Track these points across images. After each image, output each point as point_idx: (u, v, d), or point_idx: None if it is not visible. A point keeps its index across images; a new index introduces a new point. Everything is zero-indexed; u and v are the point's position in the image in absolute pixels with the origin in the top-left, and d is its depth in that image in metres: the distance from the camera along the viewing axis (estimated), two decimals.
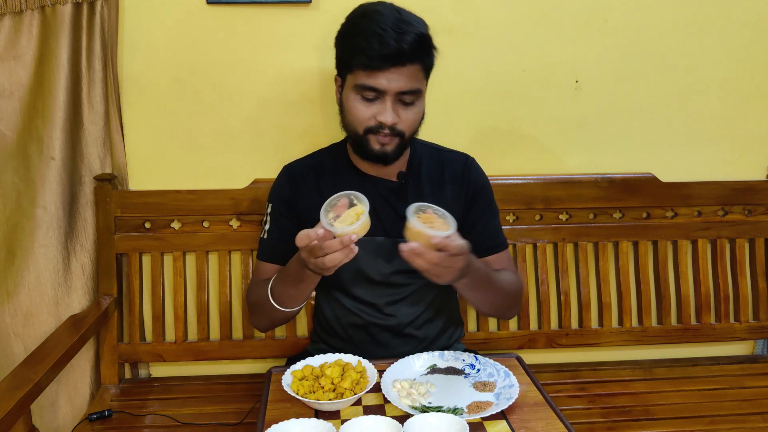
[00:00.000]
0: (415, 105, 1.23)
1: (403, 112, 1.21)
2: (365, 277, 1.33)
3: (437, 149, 1.40)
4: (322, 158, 1.40)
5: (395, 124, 1.20)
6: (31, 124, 1.58)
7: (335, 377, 1.12)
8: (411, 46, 1.15)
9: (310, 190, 1.35)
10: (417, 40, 1.16)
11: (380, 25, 1.15)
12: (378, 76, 1.17)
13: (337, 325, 1.39)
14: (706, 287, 1.76)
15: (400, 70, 1.17)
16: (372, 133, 1.22)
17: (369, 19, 1.18)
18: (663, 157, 1.77)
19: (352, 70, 1.21)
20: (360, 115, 1.21)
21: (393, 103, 1.19)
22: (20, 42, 1.56)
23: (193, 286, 1.69)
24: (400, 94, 1.19)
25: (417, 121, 1.25)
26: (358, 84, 1.19)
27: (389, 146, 1.23)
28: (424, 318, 1.38)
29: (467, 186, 1.36)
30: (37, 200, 1.58)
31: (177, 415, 1.49)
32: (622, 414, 1.49)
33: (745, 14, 1.71)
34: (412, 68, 1.18)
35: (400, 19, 1.17)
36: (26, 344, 1.61)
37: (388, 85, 1.17)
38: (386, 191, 1.32)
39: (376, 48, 1.14)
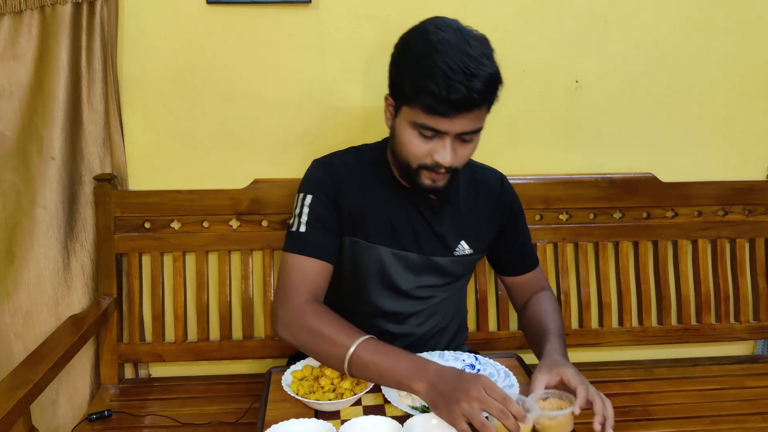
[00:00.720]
0: (474, 141, 1.15)
1: (460, 149, 1.14)
2: (392, 287, 1.30)
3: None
4: (361, 158, 1.30)
5: (453, 165, 1.14)
6: (30, 124, 1.58)
7: (335, 377, 1.12)
8: (480, 93, 1.05)
9: (351, 187, 1.26)
10: (487, 85, 1.06)
11: (449, 65, 1.04)
12: (442, 121, 1.08)
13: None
14: (706, 287, 1.76)
15: (466, 115, 1.08)
16: (426, 169, 1.16)
17: (437, 54, 1.06)
18: (663, 157, 1.77)
19: (412, 106, 1.10)
20: (416, 151, 1.13)
21: (452, 142, 1.11)
22: (20, 42, 1.55)
23: (193, 286, 1.69)
24: (461, 134, 1.12)
25: (471, 155, 1.18)
26: (419, 123, 1.10)
27: (440, 182, 1.18)
28: (438, 329, 1.38)
29: (503, 208, 1.35)
30: (37, 200, 1.58)
31: (177, 415, 1.49)
32: (622, 414, 1.49)
33: (745, 14, 1.71)
34: (478, 111, 1.10)
35: (469, 56, 1.05)
36: (26, 344, 1.60)
37: (451, 128, 1.09)
38: (424, 208, 1.28)
39: (444, 95, 1.04)
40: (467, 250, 1.31)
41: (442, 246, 1.30)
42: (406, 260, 1.29)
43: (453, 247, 1.30)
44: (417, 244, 1.28)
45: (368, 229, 1.27)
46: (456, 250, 1.31)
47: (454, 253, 1.30)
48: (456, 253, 1.31)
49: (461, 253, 1.31)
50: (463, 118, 1.08)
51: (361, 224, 1.27)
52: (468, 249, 1.31)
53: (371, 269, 1.29)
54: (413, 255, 1.29)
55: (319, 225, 1.23)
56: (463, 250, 1.31)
